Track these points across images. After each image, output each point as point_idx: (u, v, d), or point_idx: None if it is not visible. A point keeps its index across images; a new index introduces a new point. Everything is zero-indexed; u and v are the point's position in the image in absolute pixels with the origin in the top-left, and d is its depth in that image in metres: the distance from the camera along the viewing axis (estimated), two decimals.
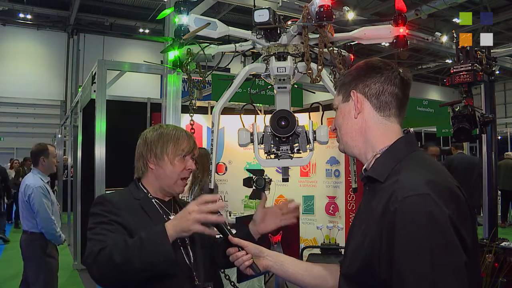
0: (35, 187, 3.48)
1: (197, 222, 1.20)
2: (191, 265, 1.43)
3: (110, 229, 1.31)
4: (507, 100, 20.91)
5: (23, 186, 3.54)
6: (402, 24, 1.88)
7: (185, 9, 2.01)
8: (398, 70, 1.08)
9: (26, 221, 3.52)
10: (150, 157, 1.48)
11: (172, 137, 1.49)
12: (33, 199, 3.43)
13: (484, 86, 3.82)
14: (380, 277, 0.91)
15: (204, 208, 1.21)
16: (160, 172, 1.48)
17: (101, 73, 3.49)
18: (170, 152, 1.47)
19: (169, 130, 1.52)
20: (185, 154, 1.49)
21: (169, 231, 1.20)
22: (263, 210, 1.57)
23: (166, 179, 1.48)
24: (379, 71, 1.08)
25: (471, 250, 0.90)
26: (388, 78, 1.07)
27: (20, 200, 3.55)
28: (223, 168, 4.84)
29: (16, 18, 14.17)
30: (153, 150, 1.48)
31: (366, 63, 1.12)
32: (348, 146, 1.13)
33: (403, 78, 1.08)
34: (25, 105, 14.27)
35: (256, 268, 1.32)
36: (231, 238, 1.36)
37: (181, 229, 1.21)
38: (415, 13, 10.41)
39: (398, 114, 1.09)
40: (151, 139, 1.50)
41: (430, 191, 0.88)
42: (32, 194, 3.44)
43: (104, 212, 1.36)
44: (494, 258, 3.08)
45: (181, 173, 1.49)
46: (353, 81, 1.11)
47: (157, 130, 1.53)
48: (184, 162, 1.49)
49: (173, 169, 1.47)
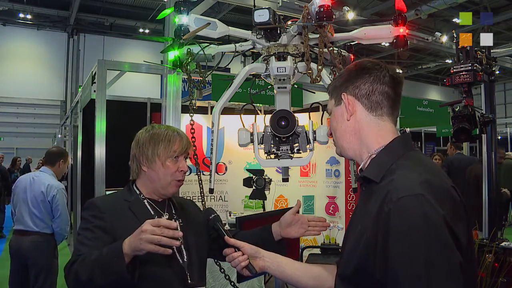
0: (59, 188, 3.45)
1: (149, 242, 1.13)
2: (184, 265, 1.42)
3: (91, 237, 1.30)
4: (507, 100, 20.92)
5: (39, 185, 3.41)
6: (402, 24, 1.88)
7: (185, 9, 2.01)
8: (388, 69, 1.08)
9: (37, 221, 3.37)
10: (142, 160, 1.46)
11: (163, 138, 1.45)
12: (58, 200, 3.39)
13: (484, 86, 3.82)
14: (375, 277, 0.91)
15: (157, 231, 1.13)
16: (152, 174, 1.45)
17: (101, 73, 3.49)
18: (161, 154, 1.43)
19: (161, 131, 1.48)
20: (177, 155, 1.45)
21: (125, 249, 1.17)
22: (293, 216, 1.55)
23: (159, 182, 1.45)
24: (367, 71, 1.07)
25: (466, 250, 0.89)
26: (377, 78, 1.06)
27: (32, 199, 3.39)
28: (223, 168, 4.83)
29: (16, 18, 14.18)
30: (145, 152, 1.45)
31: (355, 65, 1.12)
32: (344, 149, 1.13)
33: (392, 76, 1.07)
34: (25, 105, 14.29)
35: (252, 269, 1.31)
36: (227, 239, 1.35)
37: (134, 247, 1.16)
38: (415, 13, 10.41)
39: (391, 113, 1.08)
40: (143, 141, 1.47)
41: (424, 192, 0.88)
42: (57, 195, 3.40)
43: (90, 217, 1.36)
44: (494, 258, 3.08)
45: (174, 175, 1.45)
46: (344, 83, 1.11)
47: (149, 131, 1.49)
48: (177, 163, 1.45)
49: (165, 171, 1.43)
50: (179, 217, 1.51)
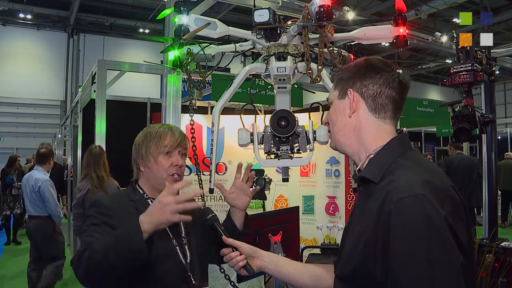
0: (44, 180, 4.36)
1: (175, 212, 1.19)
2: (187, 265, 1.43)
3: (100, 230, 1.32)
4: (507, 100, 20.91)
5: (31, 180, 4.37)
6: (402, 24, 1.88)
7: (185, 9, 2.01)
8: (398, 73, 1.06)
9: (35, 207, 4.37)
10: (138, 160, 1.49)
11: (154, 135, 1.48)
12: (43, 189, 4.30)
13: (484, 86, 3.83)
14: (375, 278, 0.90)
15: (181, 198, 1.20)
16: (148, 172, 1.48)
17: (101, 73, 3.49)
18: (153, 151, 1.46)
19: (154, 129, 1.51)
20: (169, 150, 1.46)
21: (146, 226, 1.19)
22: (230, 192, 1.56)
23: (155, 179, 1.47)
24: (378, 71, 1.06)
25: (467, 250, 0.89)
26: (386, 81, 1.05)
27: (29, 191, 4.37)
28: (223, 168, 4.84)
29: (16, 18, 14.17)
30: (140, 152, 1.48)
31: (366, 61, 1.09)
32: (341, 144, 1.12)
33: (401, 82, 1.06)
34: (25, 105, 14.27)
35: (250, 269, 1.31)
36: (225, 239, 1.35)
37: (159, 222, 1.20)
38: (415, 13, 10.41)
39: (393, 116, 1.07)
40: (138, 141, 1.51)
41: (425, 192, 0.88)
42: (42, 186, 4.31)
43: (97, 214, 1.38)
44: (494, 258, 3.08)
45: (168, 170, 1.46)
46: (351, 78, 1.09)
47: (144, 131, 1.53)
48: (170, 158, 1.47)
49: (159, 167, 1.45)
50: None
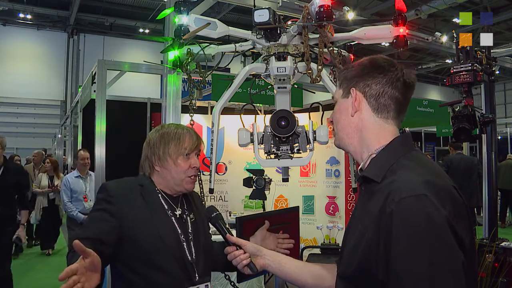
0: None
1: None
2: (193, 261, 1.44)
3: (98, 218, 1.36)
4: (507, 100, 20.91)
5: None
6: (402, 24, 1.88)
7: (185, 9, 2.01)
8: (402, 72, 1.05)
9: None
10: (154, 160, 1.48)
11: (173, 137, 1.48)
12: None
13: (484, 86, 3.82)
14: (377, 278, 0.90)
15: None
16: (165, 173, 1.48)
17: (101, 73, 3.49)
18: (172, 153, 1.46)
19: (170, 130, 1.51)
20: (188, 152, 1.48)
21: None
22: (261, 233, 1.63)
23: (172, 180, 1.48)
24: (382, 71, 1.05)
25: (468, 250, 0.89)
26: (390, 80, 1.04)
27: None
28: (223, 168, 4.83)
29: (16, 18, 14.18)
30: (156, 152, 1.48)
31: (370, 60, 1.08)
32: (344, 143, 1.12)
33: (405, 81, 1.04)
34: (25, 105, 14.28)
35: (254, 267, 1.32)
36: (229, 237, 1.37)
37: None
38: (415, 13, 10.42)
39: (396, 116, 1.07)
40: (154, 141, 1.50)
41: (427, 192, 0.87)
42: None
43: (100, 199, 1.42)
44: (494, 258, 3.08)
45: (187, 172, 1.47)
46: (355, 77, 1.08)
47: (159, 131, 1.53)
48: (188, 160, 1.48)
49: (178, 169, 1.46)
50: (190, 213, 1.54)
